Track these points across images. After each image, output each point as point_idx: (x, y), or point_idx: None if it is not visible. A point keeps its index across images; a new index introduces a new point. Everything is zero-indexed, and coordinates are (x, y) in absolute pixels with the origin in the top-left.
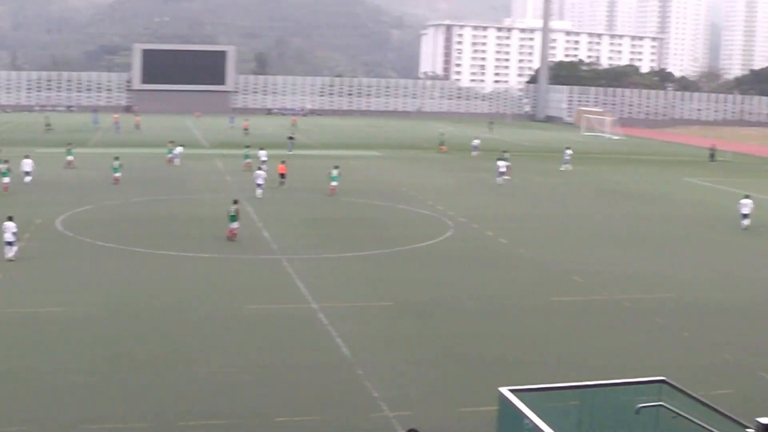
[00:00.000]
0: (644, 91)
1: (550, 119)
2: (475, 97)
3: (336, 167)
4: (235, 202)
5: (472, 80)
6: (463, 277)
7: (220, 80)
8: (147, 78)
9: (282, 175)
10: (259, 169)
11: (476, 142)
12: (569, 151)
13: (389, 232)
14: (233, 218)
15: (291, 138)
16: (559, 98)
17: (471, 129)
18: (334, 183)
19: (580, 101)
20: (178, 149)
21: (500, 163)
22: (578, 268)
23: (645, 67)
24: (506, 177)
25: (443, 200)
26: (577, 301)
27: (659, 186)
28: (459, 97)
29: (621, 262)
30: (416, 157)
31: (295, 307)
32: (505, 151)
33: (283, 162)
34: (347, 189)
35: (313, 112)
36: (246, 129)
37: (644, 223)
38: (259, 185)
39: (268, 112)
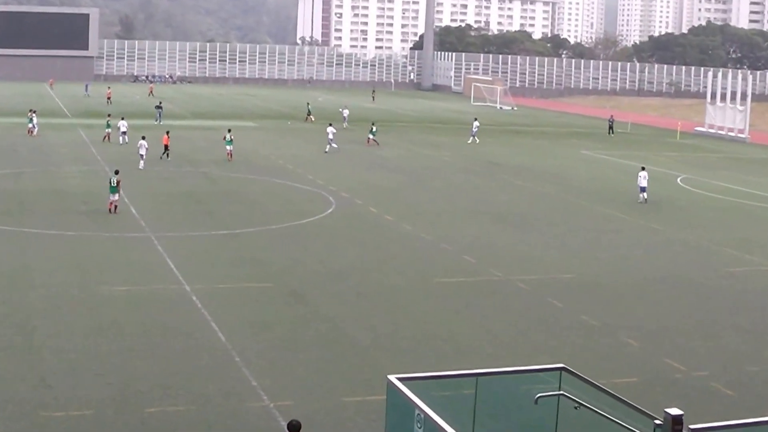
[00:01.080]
0: (537, 59)
1: (437, 88)
2: (357, 64)
3: (229, 130)
4: (116, 172)
5: (353, 46)
6: (345, 256)
7: (82, 45)
8: None
9: (166, 147)
10: (143, 138)
11: (345, 112)
12: (477, 123)
13: (268, 208)
14: (114, 189)
15: (159, 107)
16: (447, 66)
17: (352, 98)
18: (229, 147)
19: (468, 69)
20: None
21: (329, 129)
22: (469, 247)
23: (537, 33)
24: (334, 145)
25: (323, 174)
26: (469, 282)
27: (555, 160)
28: (339, 64)
29: (516, 241)
30: (294, 128)
31: (166, 289)
32: (374, 123)
33: (167, 133)
34: (222, 163)
35: (183, 80)
36: (109, 98)
37: (539, 199)
38: (141, 156)
39: (135, 79)
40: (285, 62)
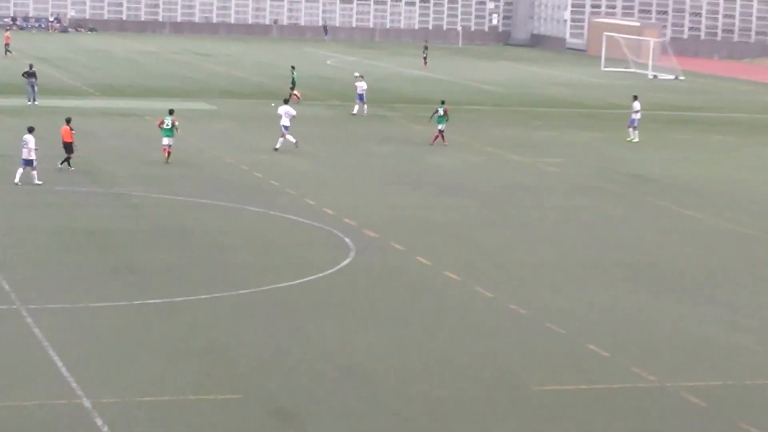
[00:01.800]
0: None
1: (539, 41)
2: (397, 0)
3: (171, 112)
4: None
5: None
6: (369, 345)
7: None
8: None
9: (68, 147)
10: (29, 131)
11: (361, 85)
12: (638, 105)
13: (234, 258)
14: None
15: (29, 74)
16: (557, 1)
17: (385, 60)
18: (167, 140)
19: (596, 8)
20: None
21: (282, 109)
22: (596, 329)
23: None
24: (289, 137)
25: (334, 197)
26: (597, 392)
27: (753, 173)
28: (365, 1)
29: (687, 321)
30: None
31: (46, 406)
32: (443, 103)
33: (67, 122)
34: (151, 175)
35: (80, 26)
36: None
37: (731, 245)
38: (26, 163)
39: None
40: None
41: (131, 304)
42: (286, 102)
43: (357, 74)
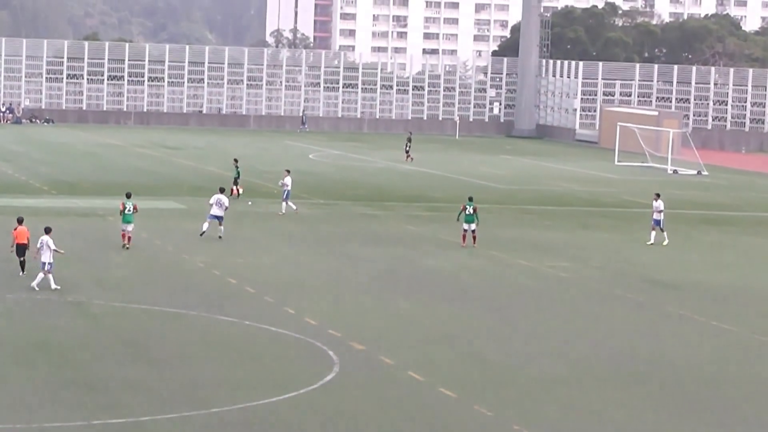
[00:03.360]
0: (750, 71)
1: (545, 132)
2: (387, 86)
3: (128, 195)
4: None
5: (378, 50)
6: None
7: None
8: None
9: (22, 249)
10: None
11: (286, 181)
12: (661, 205)
13: (203, 374)
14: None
15: None
16: (566, 87)
17: (372, 153)
18: (126, 227)
19: (609, 95)
20: None
21: (214, 198)
22: None
23: (752, 22)
24: (205, 225)
25: (317, 305)
26: None
27: None
28: (351, 86)
29: None
30: (256, 212)
31: None
32: (470, 200)
33: (20, 221)
34: (117, 280)
35: (35, 116)
36: None
37: None
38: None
39: None
40: (243, 80)
41: (90, 424)
42: (221, 191)
43: (282, 179)
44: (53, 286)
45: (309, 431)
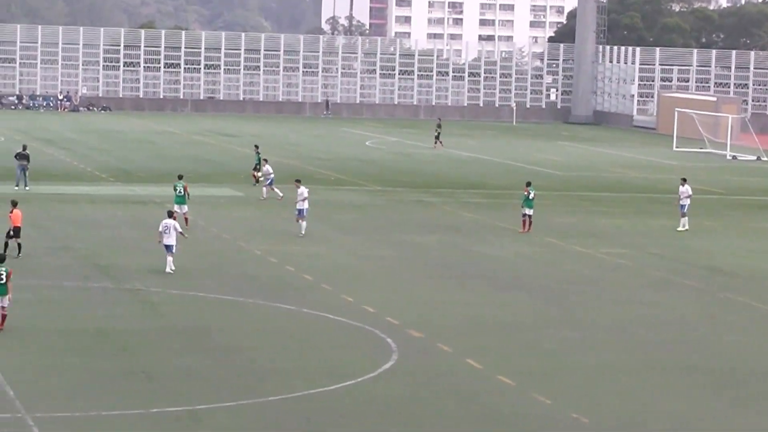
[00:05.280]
0: None
1: (602, 118)
2: (443, 72)
3: (180, 177)
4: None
5: (432, 35)
6: None
7: None
8: None
9: (13, 233)
10: (171, 217)
11: (268, 169)
12: (686, 190)
13: (261, 361)
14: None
15: (23, 157)
16: (623, 73)
17: (431, 139)
18: (178, 209)
19: (667, 80)
20: None
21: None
22: None
23: None
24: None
25: (375, 293)
26: None
27: None
28: (406, 73)
29: None
30: (316, 200)
31: None
32: (528, 185)
33: (14, 204)
34: (177, 267)
35: (92, 104)
36: None
37: None
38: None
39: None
40: (299, 68)
41: (148, 412)
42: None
43: (261, 158)
44: (170, 268)
45: (368, 419)
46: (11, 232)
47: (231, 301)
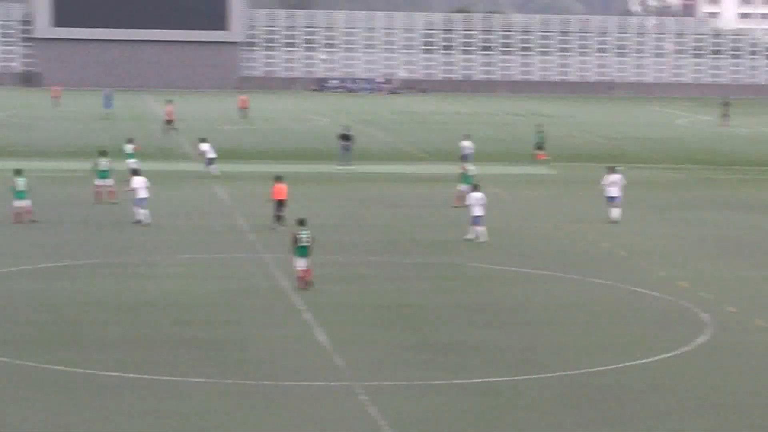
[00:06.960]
0: None
1: None
2: (753, 53)
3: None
4: (301, 222)
5: (742, 15)
6: None
7: (217, 22)
8: (62, 17)
9: (279, 205)
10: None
11: (466, 145)
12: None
13: (572, 334)
14: (303, 250)
15: (346, 138)
16: None
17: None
18: (463, 186)
19: None
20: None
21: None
22: None
23: None
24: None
25: (688, 270)
26: None
27: None
28: (717, 52)
29: None
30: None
31: None
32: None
33: (278, 179)
34: (494, 242)
35: (410, 87)
36: (170, 121)
37: None
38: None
39: (321, 86)
40: (611, 48)
41: (470, 382)
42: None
43: (464, 139)
44: (480, 239)
45: (681, 392)
46: (280, 205)
47: (548, 276)
